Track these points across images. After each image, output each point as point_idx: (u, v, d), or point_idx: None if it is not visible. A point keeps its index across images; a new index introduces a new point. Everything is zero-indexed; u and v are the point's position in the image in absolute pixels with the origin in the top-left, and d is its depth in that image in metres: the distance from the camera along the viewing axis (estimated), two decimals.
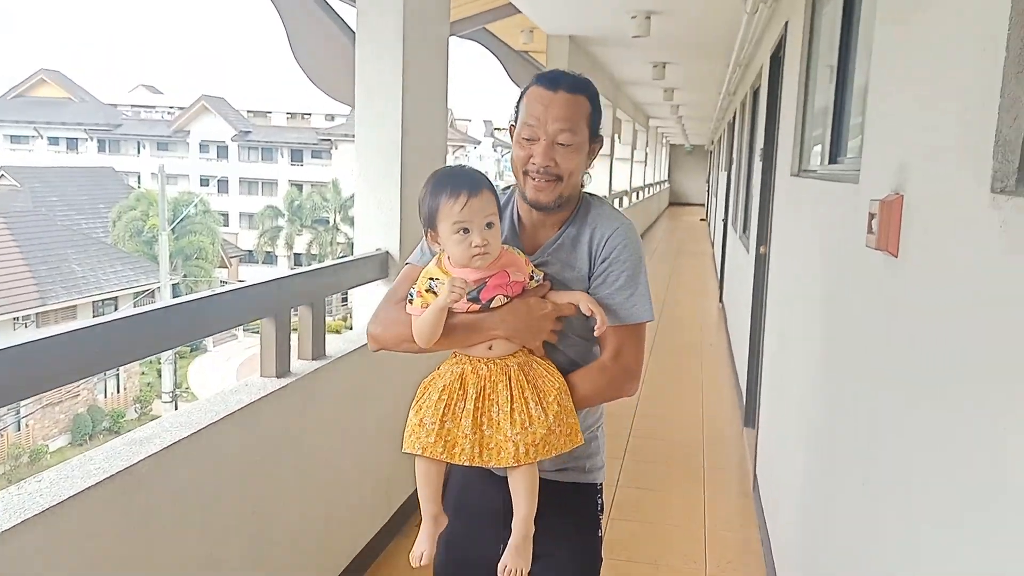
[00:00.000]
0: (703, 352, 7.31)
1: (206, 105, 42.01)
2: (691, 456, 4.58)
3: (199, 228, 30.00)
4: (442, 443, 1.49)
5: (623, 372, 1.62)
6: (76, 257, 23.66)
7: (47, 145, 42.22)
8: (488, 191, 1.52)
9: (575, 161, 1.59)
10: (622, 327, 1.60)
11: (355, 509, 3.00)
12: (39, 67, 44.58)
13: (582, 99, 1.60)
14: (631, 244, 1.62)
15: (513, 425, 1.47)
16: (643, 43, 6.97)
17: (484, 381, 1.51)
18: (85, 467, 1.74)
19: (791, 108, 3.63)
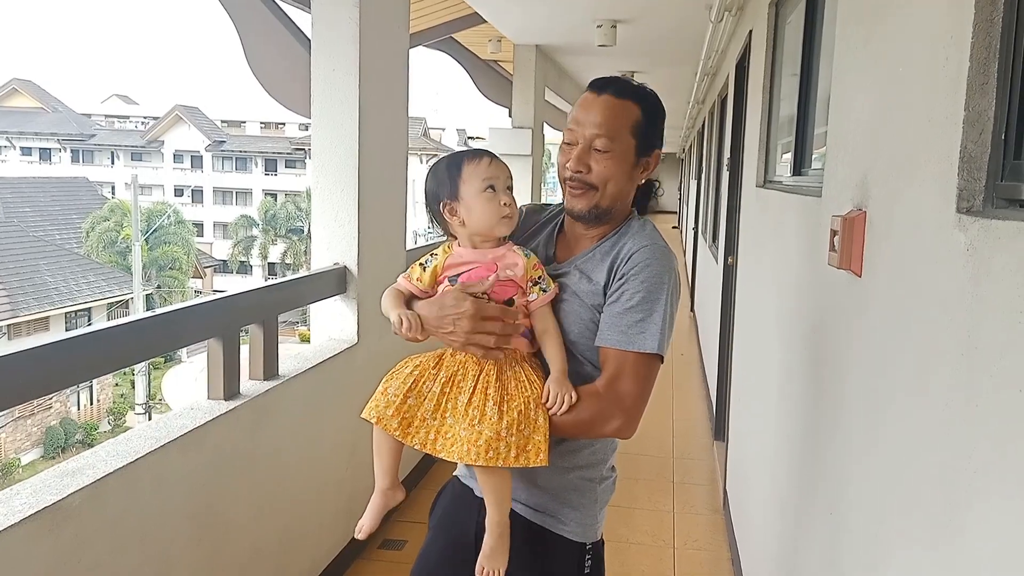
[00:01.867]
0: (674, 362, 7.27)
1: (180, 115, 41.62)
2: (661, 470, 4.52)
3: (173, 238, 29.73)
4: (398, 419, 1.42)
5: (614, 404, 1.42)
6: (48, 268, 23.35)
7: (19, 156, 41.64)
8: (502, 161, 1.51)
9: (612, 170, 1.48)
10: (624, 352, 1.43)
11: (314, 532, 2.91)
12: (11, 77, 43.98)
13: (630, 105, 1.50)
14: (656, 265, 1.45)
15: (464, 419, 1.39)
16: (610, 52, 6.93)
17: (458, 367, 1.44)
18: (10, 503, 1.64)
19: (756, 117, 3.59)
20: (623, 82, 1.54)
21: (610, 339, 1.44)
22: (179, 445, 2.09)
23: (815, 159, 2.42)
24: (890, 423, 1.21)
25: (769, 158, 3.39)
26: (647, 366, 1.44)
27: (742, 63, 4.58)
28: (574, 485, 1.53)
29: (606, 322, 1.45)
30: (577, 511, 1.54)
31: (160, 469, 2.01)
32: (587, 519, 1.55)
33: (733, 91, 5.14)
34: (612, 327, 1.44)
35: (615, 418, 1.42)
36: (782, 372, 2.35)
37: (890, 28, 1.35)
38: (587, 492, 1.55)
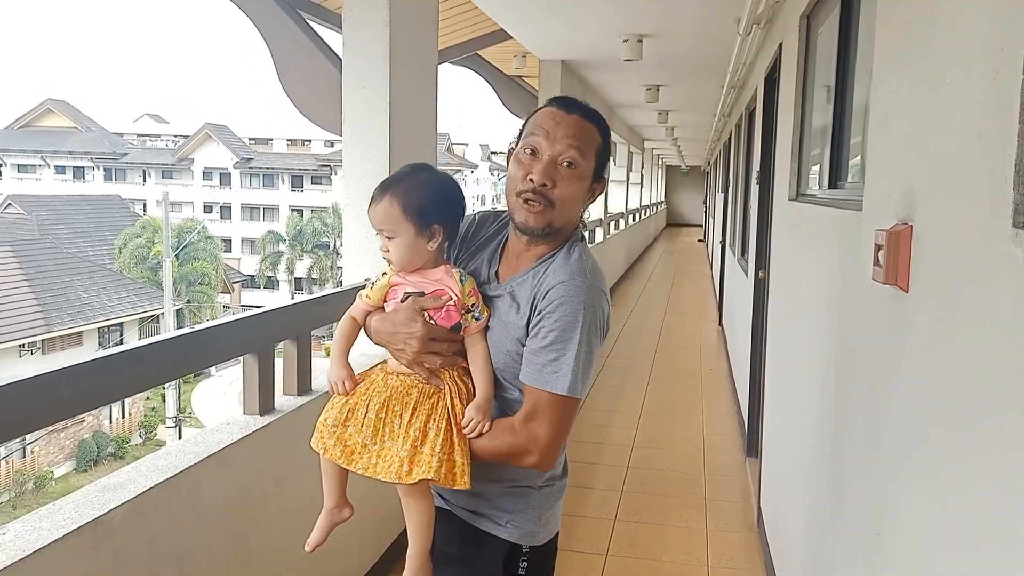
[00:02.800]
0: (703, 377, 7.21)
1: (209, 133, 42.25)
2: (692, 487, 4.47)
3: (202, 254, 30.10)
4: (340, 447, 1.48)
5: (528, 441, 1.43)
6: (82, 284, 23.75)
7: (54, 174, 42.45)
8: (386, 202, 1.49)
9: (574, 190, 1.47)
10: (538, 391, 1.44)
11: (343, 548, 2.91)
12: (46, 97, 44.94)
13: (594, 128, 1.51)
14: (570, 303, 1.42)
15: (406, 441, 1.43)
16: (636, 66, 6.93)
17: (391, 392, 1.48)
18: (54, 517, 1.66)
19: (787, 130, 3.57)
20: (586, 105, 1.54)
21: (527, 375, 1.46)
22: (216, 460, 2.10)
23: (853, 172, 2.40)
24: (939, 443, 1.18)
25: (802, 171, 3.36)
26: (560, 406, 1.43)
27: (772, 75, 4.56)
28: (507, 491, 1.56)
29: (526, 358, 1.47)
30: (512, 514, 1.56)
31: (198, 484, 2.03)
32: (524, 522, 1.56)
33: (762, 104, 5.11)
34: (529, 363, 1.45)
35: (530, 455, 1.45)
36: (820, 388, 2.31)
37: (933, 39, 1.33)
38: (523, 497, 1.57)
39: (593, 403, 6.09)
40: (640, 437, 5.30)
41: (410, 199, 1.49)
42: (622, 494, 4.31)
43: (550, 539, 1.62)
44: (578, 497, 4.24)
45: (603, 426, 5.54)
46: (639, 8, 5.29)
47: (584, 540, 3.71)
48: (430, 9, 3.41)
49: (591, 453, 4.96)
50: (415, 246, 1.49)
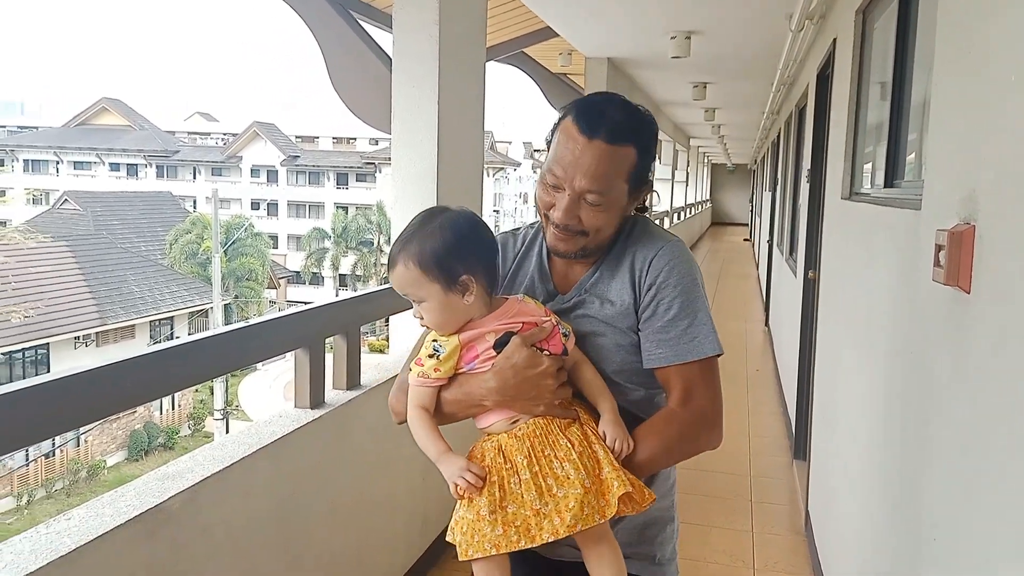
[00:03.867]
0: (748, 378, 7.12)
1: (257, 131, 42.95)
2: (738, 489, 4.43)
3: (250, 250, 30.59)
4: (513, 530, 1.22)
5: (698, 419, 1.33)
6: (135, 278, 24.35)
7: (108, 171, 43.53)
8: (401, 265, 1.32)
9: (604, 219, 1.36)
10: (686, 365, 1.34)
11: (389, 542, 2.94)
12: (101, 96, 46.06)
13: (625, 150, 1.33)
14: (680, 265, 1.36)
15: (577, 475, 1.23)
16: (683, 64, 6.87)
17: (530, 441, 1.28)
18: (116, 504, 1.71)
19: (841, 128, 3.51)
20: (616, 119, 1.33)
21: (664, 357, 1.35)
22: (268, 452, 2.14)
23: (908, 170, 2.35)
24: (1002, 450, 1.16)
25: (855, 170, 3.31)
26: (711, 369, 1.36)
27: (824, 72, 4.48)
28: (661, 519, 1.48)
29: (651, 340, 1.35)
30: (664, 546, 1.49)
31: (251, 475, 2.07)
32: (672, 552, 1.50)
33: (814, 101, 5.03)
34: (661, 344, 1.35)
35: (704, 431, 1.35)
36: (874, 391, 2.27)
37: (998, 34, 1.30)
38: (670, 524, 1.50)
39: None
40: None
41: (425, 254, 1.31)
42: None
43: None
44: None
45: None
46: (688, 5, 5.24)
47: None
48: (479, 8, 3.43)
49: None
50: (449, 306, 1.31)
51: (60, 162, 43.13)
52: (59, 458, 18.87)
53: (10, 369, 20.34)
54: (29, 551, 1.47)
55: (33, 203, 38.10)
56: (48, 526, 1.58)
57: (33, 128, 46.46)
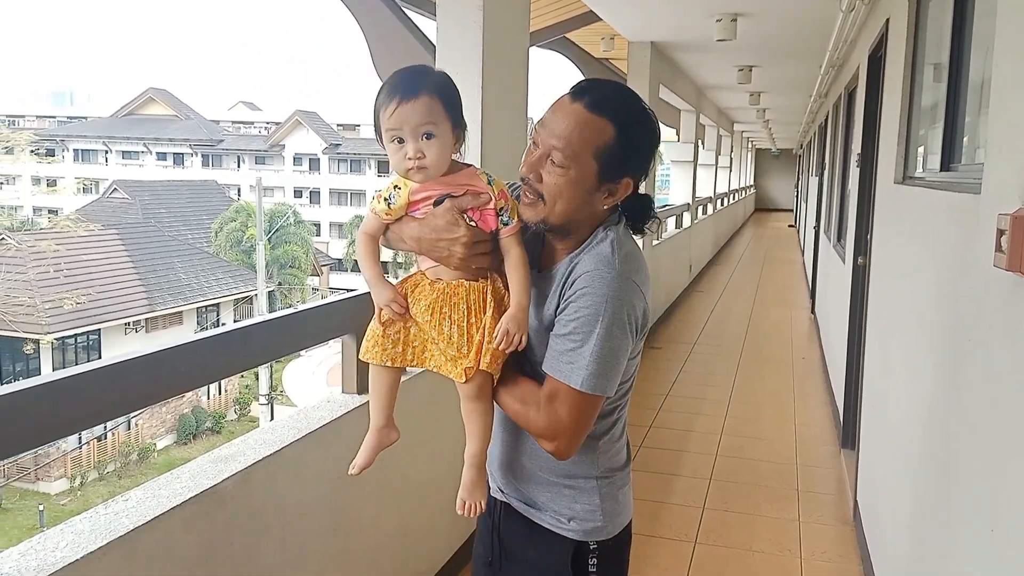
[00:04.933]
0: (794, 366, 7.02)
1: (300, 120, 43.36)
2: (784, 478, 4.38)
3: (293, 238, 30.96)
4: (410, 351, 1.43)
5: (551, 421, 1.35)
6: (182, 266, 24.83)
7: (155, 160, 44.35)
8: (429, 96, 1.34)
9: (563, 189, 1.34)
10: (555, 380, 1.35)
11: (436, 526, 2.97)
12: (148, 86, 46.90)
13: (603, 124, 1.33)
14: (593, 295, 1.32)
15: (451, 344, 1.39)
16: (729, 47, 6.75)
17: (438, 294, 1.41)
18: (172, 486, 1.75)
19: (894, 110, 3.42)
20: (607, 92, 1.36)
21: (547, 362, 1.38)
22: (317, 436, 2.18)
23: (964, 153, 2.28)
24: None
25: (909, 153, 3.22)
26: (577, 401, 1.34)
27: (876, 53, 4.38)
28: (565, 486, 1.49)
29: (549, 343, 1.38)
30: (572, 510, 1.48)
31: (300, 459, 2.10)
32: (587, 519, 1.48)
33: (865, 83, 4.91)
34: (550, 350, 1.37)
35: (545, 437, 1.37)
36: (928, 379, 2.23)
37: None
38: (582, 492, 1.49)
39: (680, 390, 6.02)
40: (729, 425, 5.21)
41: (450, 92, 1.38)
42: (711, 482, 4.25)
43: (621, 529, 1.53)
44: (665, 484, 4.20)
45: (691, 413, 5.47)
46: None
47: (671, 527, 3.68)
48: None
49: (679, 440, 4.91)
50: (449, 148, 1.38)
51: (109, 152, 44.06)
52: (111, 441, 19.38)
53: (63, 354, 20.92)
54: (89, 531, 1.52)
55: (83, 192, 39.01)
56: (107, 507, 1.62)
57: (82, 118, 47.47)
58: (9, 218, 30.09)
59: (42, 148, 36.90)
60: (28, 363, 20.61)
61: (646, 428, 5.08)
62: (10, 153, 25.09)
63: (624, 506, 1.54)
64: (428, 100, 1.34)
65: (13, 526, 16.10)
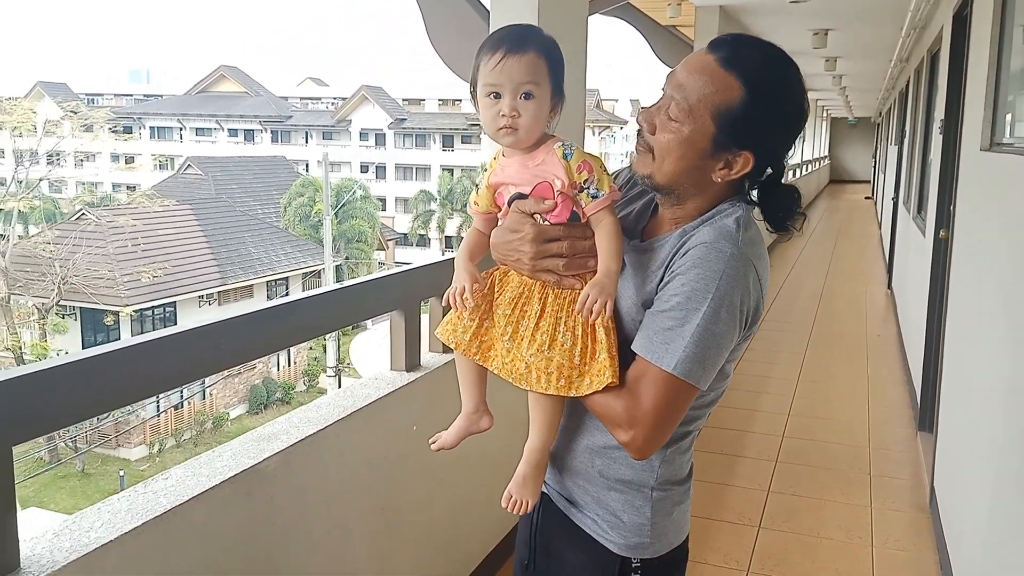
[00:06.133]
0: (868, 344, 6.74)
1: (366, 95, 43.71)
2: (855, 461, 4.19)
3: (359, 213, 31.35)
4: (477, 343, 1.31)
5: (627, 409, 1.20)
6: (252, 240, 25.42)
7: (227, 137, 45.38)
8: (536, 54, 1.24)
9: (673, 146, 1.23)
10: (646, 362, 1.20)
11: (485, 509, 2.90)
12: (219, 64, 47.90)
13: (731, 82, 1.20)
14: (706, 268, 1.18)
15: (532, 344, 1.24)
16: (802, 9, 6.44)
17: (523, 288, 1.29)
18: (212, 464, 1.72)
19: (981, 74, 3.17)
20: (750, 52, 1.24)
21: (638, 341, 1.22)
22: (363, 415, 2.13)
23: None
24: None
25: (997, 118, 2.99)
26: (667, 387, 1.19)
27: (961, 13, 4.08)
28: (614, 489, 1.34)
29: (643, 321, 1.24)
30: (616, 518, 1.33)
31: (345, 438, 2.06)
32: (631, 531, 1.33)
33: (949, 45, 4.60)
34: (643, 328, 1.22)
35: (625, 424, 1.21)
36: (1016, 360, 2.05)
37: None
38: (631, 500, 1.33)
39: (745, 368, 5.84)
40: (797, 405, 5.02)
41: (554, 57, 1.28)
42: (776, 464, 4.09)
43: (671, 549, 1.37)
44: (728, 465, 4.07)
45: (756, 392, 5.29)
46: None
47: (734, 510, 3.55)
48: None
49: (743, 420, 4.75)
50: (545, 114, 1.28)
51: (183, 129, 45.23)
52: (187, 410, 20.07)
53: (141, 325, 21.69)
54: (126, 510, 1.49)
55: (159, 168, 40.21)
56: (146, 485, 1.60)
57: (158, 96, 48.84)
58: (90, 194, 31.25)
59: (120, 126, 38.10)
60: (108, 334, 21.43)
61: None
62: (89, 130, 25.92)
63: (678, 525, 1.38)
64: (535, 58, 1.25)
65: (96, 491, 16.85)
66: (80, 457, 17.84)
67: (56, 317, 21.10)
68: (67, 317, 21.55)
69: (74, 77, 55.41)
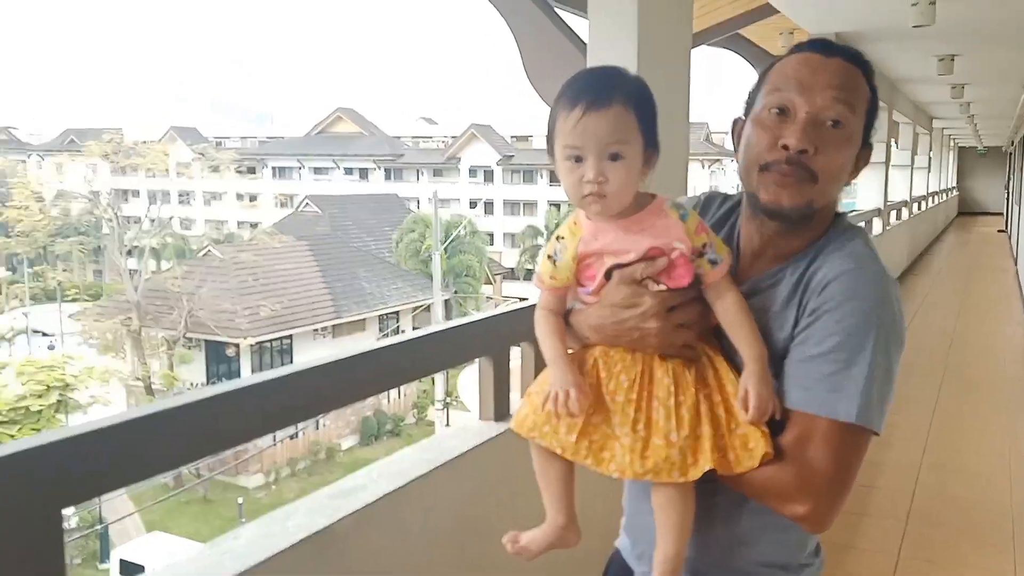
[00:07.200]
0: (1007, 389, 6.17)
1: (475, 133, 44.65)
2: (996, 521, 3.78)
3: (468, 248, 31.86)
4: (586, 443, 1.12)
5: (799, 478, 1.06)
6: (365, 275, 26.24)
7: (343, 175, 47.21)
8: (623, 106, 1.09)
9: (841, 157, 1.11)
10: (810, 417, 1.07)
11: (582, 563, 2.74)
12: (337, 106, 50.07)
13: (861, 76, 1.13)
14: (861, 299, 1.07)
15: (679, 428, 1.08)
16: (926, 33, 6.06)
17: (644, 366, 1.12)
18: (285, 523, 1.64)
19: None
20: (847, 46, 1.16)
21: (794, 396, 1.08)
22: (449, 469, 2.02)
23: None
24: None
25: None
26: (845, 439, 1.06)
27: None
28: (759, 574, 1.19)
29: (790, 373, 1.09)
30: None
31: (430, 493, 1.95)
32: None
33: None
34: (796, 380, 1.08)
35: (799, 497, 1.06)
36: None
37: None
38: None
39: None
40: (928, 459, 4.60)
41: (644, 106, 1.13)
42: (907, 525, 3.73)
43: None
44: (850, 525, 3.74)
45: (882, 442, 4.81)
46: None
47: None
48: None
49: (868, 474, 4.35)
50: (636, 174, 1.12)
51: (302, 168, 47.35)
52: (302, 440, 20.67)
53: (260, 357, 22.61)
54: (193, 574, 1.43)
55: (280, 206, 42.15)
56: (213, 546, 1.53)
57: (280, 138, 51.38)
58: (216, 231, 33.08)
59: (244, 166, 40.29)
60: (230, 364, 22.45)
61: None
62: (216, 171, 27.54)
63: None
64: (621, 111, 1.10)
65: (216, 516, 17.53)
66: (203, 483, 18.62)
67: (183, 348, 22.27)
68: (192, 348, 22.70)
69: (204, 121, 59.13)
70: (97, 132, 29.41)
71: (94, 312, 23.04)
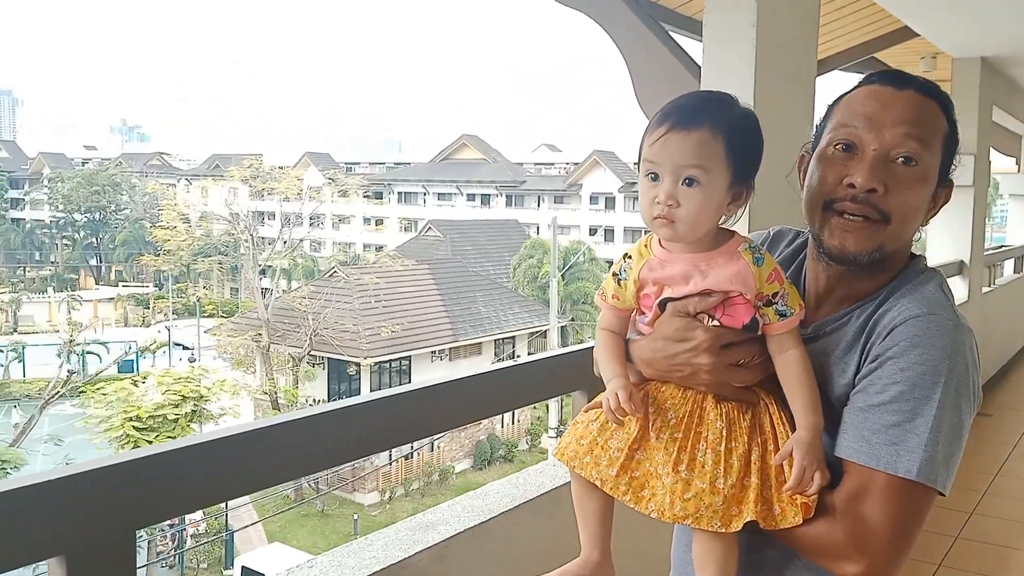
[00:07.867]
0: None
1: (597, 160, 44.60)
2: None
3: (586, 275, 31.71)
4: (627, 479, 1.06)
5: (853, 535, 0.98)
6: (483, 299, 26.56)
7: (465, 201, 48.21)
8: (711, 132, 1.03)
9: (915, 196, 1.05)
10: (868, 471, 1.00)
11: None
12: (462, 133, 51.27)
13: (938, 109, 1.06)
14: (929, 346, 0.99)
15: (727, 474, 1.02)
16: None
17: (695, 406, 1.07)
18: (361, 554, 1.62)
19: None
20: (919, 77, 1.09)
21: (850, 447, 1.02)
22: (534, 506, 1.95)
23: None
24: None
25: None
26: (904, 497, 0.98)
27: None
28: None
29: (849, 421, 1.03)
30: None
31: (510, 531, 1.89)
32: None
33: None
34: (854, 430, 1.01)
35: (853, 555, 0.98)
36: None
37: None
38: None
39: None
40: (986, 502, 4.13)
41: (738, 137, 1.06)
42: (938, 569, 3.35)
43: None
44: None
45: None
46: None
47: None
48: (808, 10, 2.96)
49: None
50: (716, 207, 1.06)
51: (427, 193, 48.68)
52: (416, 460, 21.00)
53: (379, 377, 23.21)
54: None
55: (404, 231, 43.43)
56: (290, 572, 1.52)
57: (406, 164, 53.07)
58: (343, 253, 34.40)
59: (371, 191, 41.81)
60: (351, 383, 23.14)
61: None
62: (345, 195, 28.67)
63: None
64: (707, 137, 1.05)
65: (332, 531, 18.02)
66: (321, 498, 19.20)
67: (307, 365, 23.15)
68: (316, 366, 23.56)
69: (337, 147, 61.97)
70: (239, 158, 31.29)
71: (228, 328, 24.34)
